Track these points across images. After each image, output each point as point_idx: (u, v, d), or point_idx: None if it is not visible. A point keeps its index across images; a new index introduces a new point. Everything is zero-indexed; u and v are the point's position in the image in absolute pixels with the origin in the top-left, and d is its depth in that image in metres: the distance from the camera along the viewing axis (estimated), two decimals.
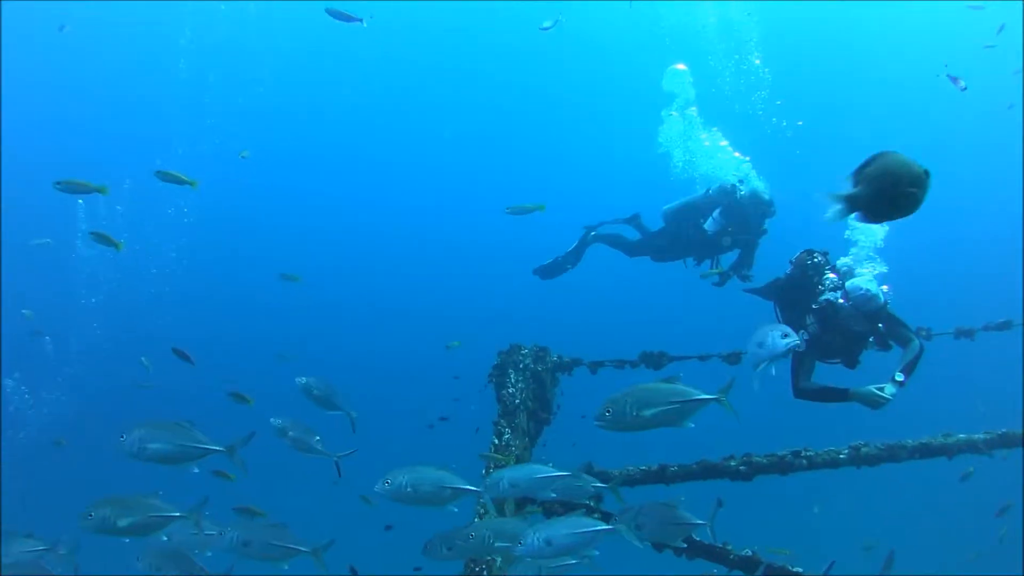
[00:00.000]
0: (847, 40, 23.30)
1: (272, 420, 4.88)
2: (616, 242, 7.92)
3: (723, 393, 3.83)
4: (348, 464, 4.99)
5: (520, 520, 4.48)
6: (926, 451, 5.96)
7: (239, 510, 5.20)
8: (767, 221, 7.08)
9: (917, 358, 5.03)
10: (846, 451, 6.00)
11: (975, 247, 23.97)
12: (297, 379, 5.15)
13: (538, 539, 3.81)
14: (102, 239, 6.49)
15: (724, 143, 8.01)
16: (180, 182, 6.50)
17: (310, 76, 25.03)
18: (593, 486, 4.37)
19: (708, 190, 7.26)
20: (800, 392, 5.15)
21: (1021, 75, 13.50)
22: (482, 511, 4.69)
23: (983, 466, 6.18)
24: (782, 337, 4.34)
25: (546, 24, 7.80)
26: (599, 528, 4.06)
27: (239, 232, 24.25)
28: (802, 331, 5.19)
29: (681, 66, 8.44)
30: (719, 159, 7.83)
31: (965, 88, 7.71)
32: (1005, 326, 7.21)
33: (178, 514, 4.02)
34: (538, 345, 6.54)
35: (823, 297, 5.14)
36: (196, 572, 4.17)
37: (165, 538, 4.21)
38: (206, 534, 4.19)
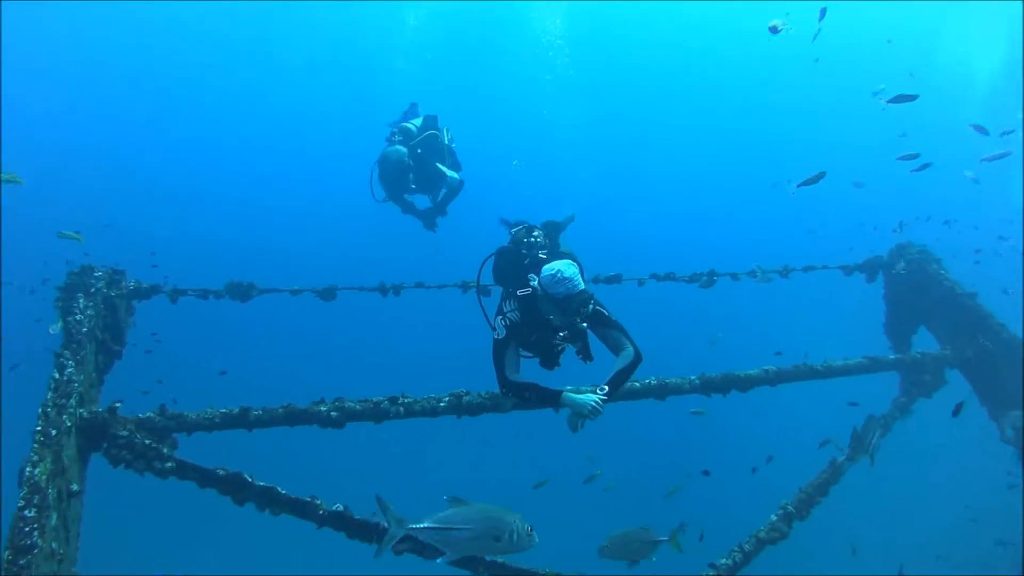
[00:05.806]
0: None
1: None
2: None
3: None
4: None
5: None
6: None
7: None
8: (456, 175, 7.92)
9: (630, 367, 4.46)
10: (447, 399, 5.58)
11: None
12: None
13: None
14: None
15: None
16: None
17: None
18: None
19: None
20: (505, 384, 4.52)
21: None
22: None
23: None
24: None
25: None
26: None
27: None
28: (499, 317, 4.68)
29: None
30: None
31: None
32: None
33: None
34: (113, 268, 5.74)
35: (532, 283, 4.48)
36: None
37: None
38: None
